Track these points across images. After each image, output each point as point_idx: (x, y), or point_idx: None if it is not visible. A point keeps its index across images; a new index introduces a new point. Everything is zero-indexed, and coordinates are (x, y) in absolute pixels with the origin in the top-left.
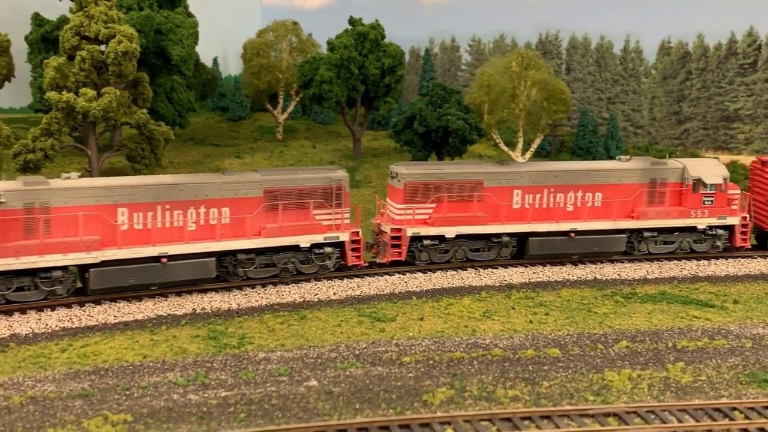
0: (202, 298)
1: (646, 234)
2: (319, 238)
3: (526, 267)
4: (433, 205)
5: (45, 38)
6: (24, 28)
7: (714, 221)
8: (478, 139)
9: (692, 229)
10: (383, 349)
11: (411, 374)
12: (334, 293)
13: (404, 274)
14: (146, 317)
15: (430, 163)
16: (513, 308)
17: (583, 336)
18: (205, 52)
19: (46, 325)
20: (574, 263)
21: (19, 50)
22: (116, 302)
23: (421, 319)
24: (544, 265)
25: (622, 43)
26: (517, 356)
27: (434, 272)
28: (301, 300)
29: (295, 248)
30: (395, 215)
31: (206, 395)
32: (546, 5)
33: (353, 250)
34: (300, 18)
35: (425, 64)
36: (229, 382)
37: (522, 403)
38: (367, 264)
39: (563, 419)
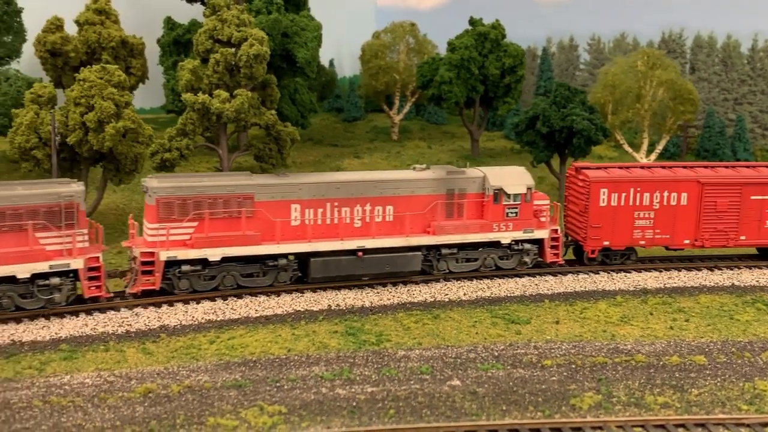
0: (337, 295)
1: (445, 251)
2: (42, 267)
3: (661, 272)
4: (194, 224)
5: (176, 41)
6: (155, 31)
7: (520, 235)
8: (603, 140)
9: (498, 244)
10: (522, 351)
11: (554, 378)
12: (464, 294)
13: (534, 277)
14: (285, 312)
15: (189, 174)
16: (651, 314)
17: (727, 344)
18: (321, 54)
19: (193, 317)
20: (710, 268)
21: (150, 53)
22: (256, 296)
23: (557, 322)
24: (673, 270)
25: (750, 42)
26: (661, 363)
27: (565, 275)
28: (432, 300)
29: (13, 279)
30: (148, 236)
31: (353, 390)
32: (669, 4)
33: (91, 279)
34: (415, 19)
35: (542, 63)
36: (373, 378)
37: (673, 410)
38: (112, 294)
39: (718, 428)
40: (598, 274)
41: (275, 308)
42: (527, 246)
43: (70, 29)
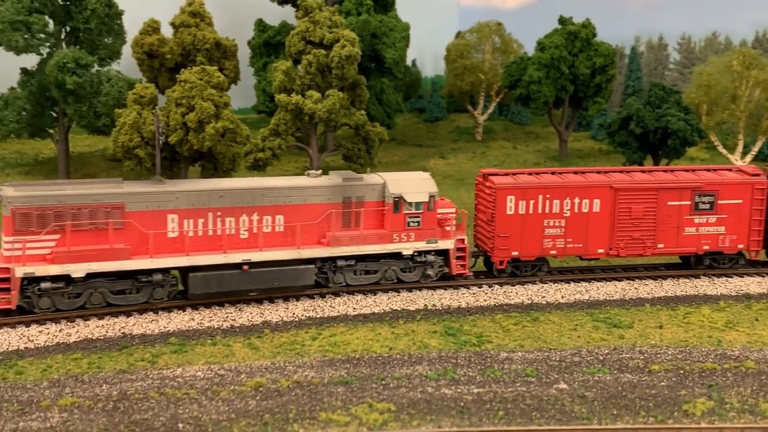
0: (432, 295)
1: (341, 263)
2: None
3: (764, 277)
4: (56, 237)
5: (267, 43)
6: (245, 33)
7: (422, 245)
8: (698, 141)
9: (399, 256)
10: (627, 355)
11: (663, 383)
12: (562, 296)
13: (633, 280)
14: (382, 311)
15: (50, 182)
16: (756, 319)
17: None
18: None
19: (293, 314)
20: None
21: (240, 54)
22: (354, 295)
23: (660, 327)
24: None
25: None
26: None
27: (665, 279)
28: (529, 302)
29: None
30: (4, 251)
31: (459, 390)
32: (763, 2)
33: None
34: (498, 18)
35: (631, 63)
36: (478, 379)
37: None
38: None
39: None
40: (699, 278)
41: (372, 307)
42: (431, 257)
43: (166, 31)
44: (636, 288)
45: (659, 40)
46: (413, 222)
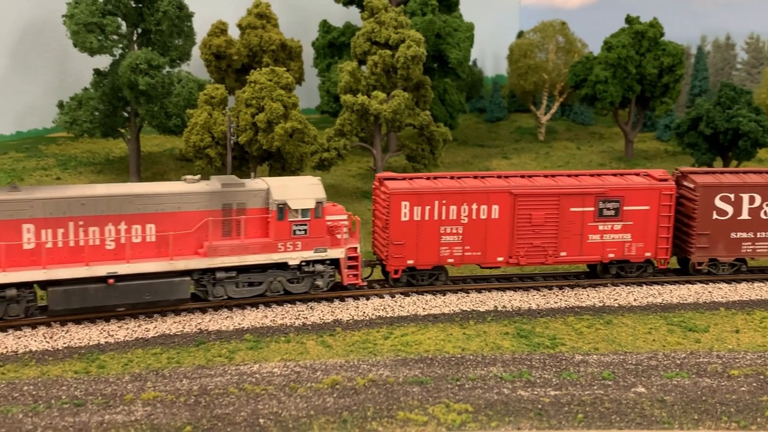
0: (502, 296)
1: (221, 274)
2: None
3: None
4: None
5: (331, 44)
6: (309, 34)
7: (310, 255)
8: None
9: (286, 266)
10: (705, 360)
11: (744, 388)
12: (635, 299)
13: (707, 284)
14: (452, 311)
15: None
16: None
17: None
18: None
19: (364, 313)
20: None
21: (303, 55)
22: (423, 295)
23: (737, 331)
24: None
25: None
26: None
27: (739, 282)
28: (601, 304)
29: None
30: None
31: (536, 393)
32: None
33: None
34: (560, 17)
35: (697, 63)
36: (554, 382)
37: None
38: None
39: None
40: (764, 283)
41: (442, 307)
42: (320, 267)
43: (233, 33)
44: (710, 291)
45: (726, 39)
46: (300, 230)
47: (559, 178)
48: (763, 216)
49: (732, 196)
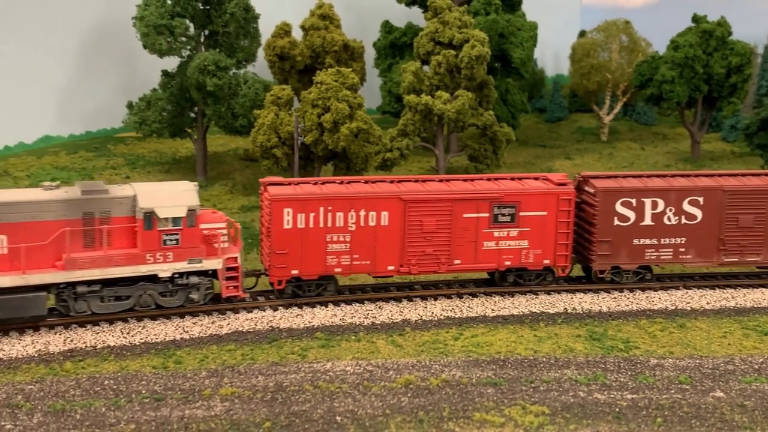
0: (572, 298)
1: (82, 288)
2: None
3: None
4: None
5: (393, 44)
6: (370, 34)
7: (183, 266)
8: None
9: (156, 278)
10: None
11: None
12: (707, 303)
13: None
14: (521, 313)
15: None
16: None
17: None
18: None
19: (432, 313)
20: None
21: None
22: (491, 296)
23: None
24: None
25: None
26: None
27: None
28: (673, 308)
29: None
30: None
31: (612, 396)
32: None
33: None
34: (622, 16)
35: (765, 62)
36: (630, 385)
37: None
38: None
39: None
40: None
41: (511, 309)
42: (195, 279)
43: (296, 34)
44: None
45: None
46: (170, 240)
47: (454, 183)
48: (666, 222)
49: (633, 201)
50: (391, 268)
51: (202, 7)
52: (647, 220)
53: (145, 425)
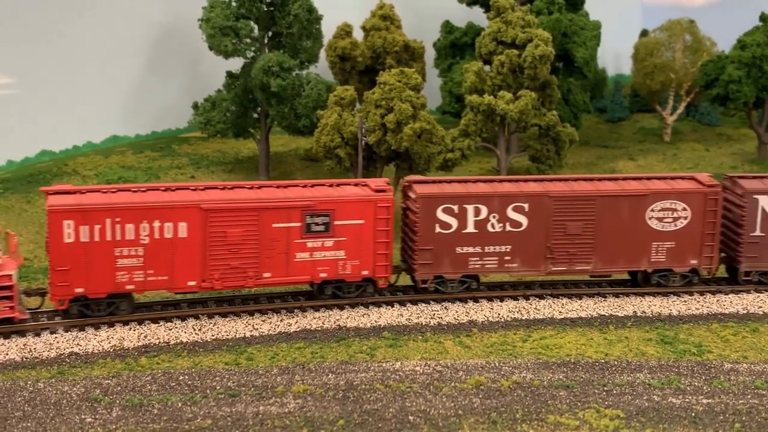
0: (641, 301)
1: None
2: None
3: None
4: None
5: (453, 44)
6: (429, 34)
7: None
8: None
9: None
10: None
11: None
12: None
13: None
14: (590, 315)
15: None
16: None
17: None
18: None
19: (499, 314)
20: None
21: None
22: (559, 298)
23: None
24: None
25: None
26: None
27: None
28: (745, 312)
29: None
30: None
31: (688, 400)
32: None
33: None
34: (685, 15)
35: None
36: (705, 390)
37: None
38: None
39: None
40: None
41: (578, 311)
42: None
43: (356, 35)
44: None
45: None
46: None
47: (264, 190)
48: (490, 229)
49: (456, 207)
50: (192, 283)
51: (266, 9)
52: (470, 228)
53: (222, 420)
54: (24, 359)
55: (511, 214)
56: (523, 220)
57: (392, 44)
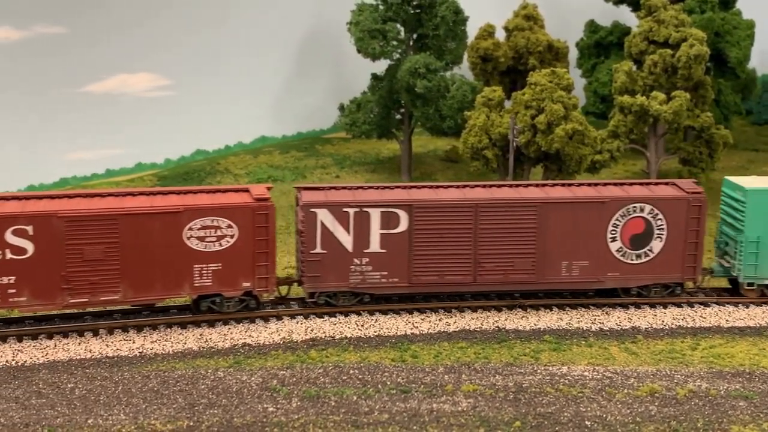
0: None
1: None
2: None
3: None
4: None
5: (598, 44)
6: (571, 34)
7: None
8: None
9: None
10: None
11: None
12: None
13: None
14: (758, 325)
15: None
16: None
17: None
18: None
19: (662, 321)
20: None
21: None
22: (724, 306)
23: None
24: None
25: None
26: None
27: None
28: None
29: None
30: None
31: None
32: None
33: None
34: None
35: None
36: None
37: None
38: None
39: None
40: None
41: (746, 320)
42: None
43: (499, 35)
44: None
45: None
46: None
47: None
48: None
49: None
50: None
51: (413, 12)
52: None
53: (398, 415)
54: (201, 348)
55: (11, 239)
56: (29, 246)
57: (536, 44)
